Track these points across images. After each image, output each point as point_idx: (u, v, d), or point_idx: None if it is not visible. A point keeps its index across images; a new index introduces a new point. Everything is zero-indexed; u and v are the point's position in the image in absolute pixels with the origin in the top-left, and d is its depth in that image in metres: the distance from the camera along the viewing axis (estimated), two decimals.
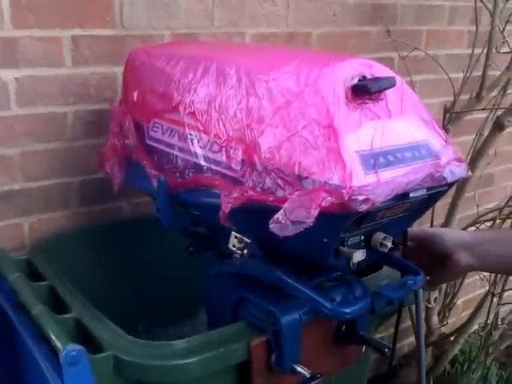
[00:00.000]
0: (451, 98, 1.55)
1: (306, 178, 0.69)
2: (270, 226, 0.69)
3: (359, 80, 0.74)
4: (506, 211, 1.71)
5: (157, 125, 0.88)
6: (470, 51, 1.57)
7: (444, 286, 1.77)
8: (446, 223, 1.68)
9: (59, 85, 1.11)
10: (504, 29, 1.51)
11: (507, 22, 1.52)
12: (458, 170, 0.79)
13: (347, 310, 0.78)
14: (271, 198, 0.71)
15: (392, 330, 0.95)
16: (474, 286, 2.09)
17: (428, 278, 0.94)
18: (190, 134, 0.82)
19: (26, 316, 0.88)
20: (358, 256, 0.78)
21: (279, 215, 0.68)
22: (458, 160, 0.80)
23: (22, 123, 1.09)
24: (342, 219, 0.71)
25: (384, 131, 0.74)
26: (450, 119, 1.53)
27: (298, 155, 0.70)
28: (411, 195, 0.74)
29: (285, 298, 0.82)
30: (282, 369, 0.82)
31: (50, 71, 1.09)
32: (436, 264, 0.90)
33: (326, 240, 0.75)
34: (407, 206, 0.79)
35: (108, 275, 1.12)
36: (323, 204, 0.67)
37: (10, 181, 1.10)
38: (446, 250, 0.89)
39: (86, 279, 1.02)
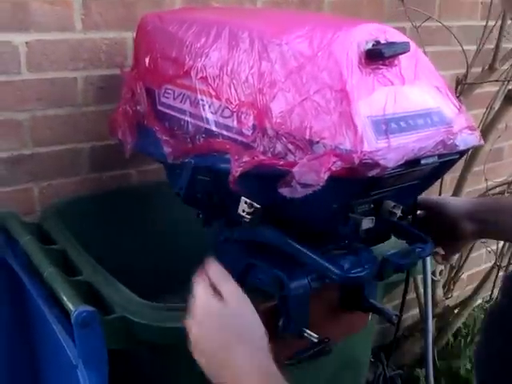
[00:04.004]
0: (463, 71, 1.53)
1: (317, 142, 0.69)
2: (280, 189, 0.69)
3: (373, 45, 0.74)
4: None
5: (168, 90, 0.87)
6: (483, 23, 1.55)
7: None
8: (454, 196, 1.68)
9: (69, 50, 1.10)
10: None
11: None
12: (471, 138, 0.79)
13: (355, 276, 0.78)
14: (281, 162, 0.71)
15: (395, 302, 0.96)
16: (480, 260, 2.10)
17: (443, 253, 0.95)
18: (202, 100, 0.82)
19: (37, 278, 0.89)
20: (367, 223, 0.77)
21: (289, 178, 0.68)
22: (471, 128, 0.79)
23: (32, 88, 1.08)
24: (351, 184, 0.71)
25: (397, 97, 0.74)
26: (461, 91, 1.51)
27: (309, 120, 0.70)
28: (422, 162, 0.73)
29: (293, 264, 0.82)
30: (290, 333, 0.83)
31: (61, 36, 1.09)
32: (445, 234, 0.90)
33: (335, 206, 0.75)
34: (418, 174, 0.79)
35: (117, 240, 1.13)
36: (333, 168, 0.67)
37: (21, 146, 1.10)
38: (451, 219, 0.89)
39: (96, 244, 1.03)
